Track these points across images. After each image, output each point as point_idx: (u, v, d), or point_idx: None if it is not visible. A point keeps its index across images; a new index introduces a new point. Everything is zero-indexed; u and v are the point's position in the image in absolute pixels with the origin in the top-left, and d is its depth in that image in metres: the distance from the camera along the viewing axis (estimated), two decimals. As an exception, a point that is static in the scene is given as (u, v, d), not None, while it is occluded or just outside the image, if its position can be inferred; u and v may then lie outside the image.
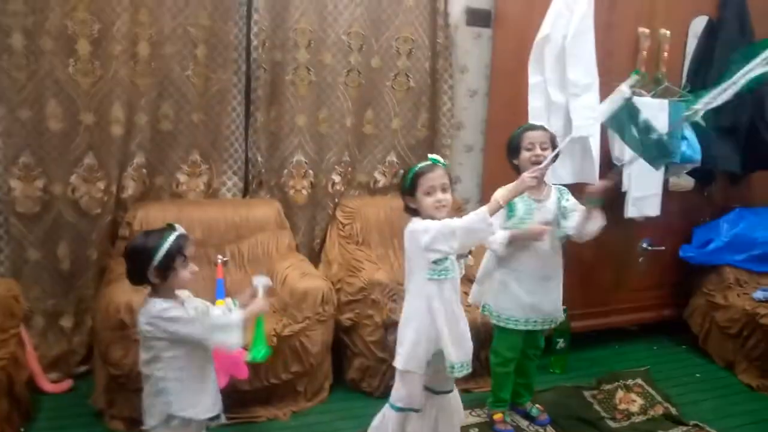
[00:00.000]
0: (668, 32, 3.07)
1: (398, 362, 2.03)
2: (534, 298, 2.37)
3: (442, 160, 2.00)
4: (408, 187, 1.97)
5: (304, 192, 3.19)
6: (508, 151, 2.40)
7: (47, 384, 2.59)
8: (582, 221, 2.28)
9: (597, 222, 2.26)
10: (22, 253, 2.72)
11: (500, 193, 2.01)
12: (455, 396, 2.17)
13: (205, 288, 2.74)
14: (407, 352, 2.00)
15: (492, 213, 1.92)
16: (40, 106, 2.65)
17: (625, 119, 2.22)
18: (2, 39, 2.55)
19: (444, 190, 1.95)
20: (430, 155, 2.02)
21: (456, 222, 1.90)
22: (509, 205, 2.32)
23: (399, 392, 2.04)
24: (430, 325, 1.98)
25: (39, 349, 2.68)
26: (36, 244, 2.73)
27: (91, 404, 2.45)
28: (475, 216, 1.90)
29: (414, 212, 2.00)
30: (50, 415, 2.45)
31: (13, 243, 2.71)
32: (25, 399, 2.35)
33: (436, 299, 1.96)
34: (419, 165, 1.99)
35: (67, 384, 2.65)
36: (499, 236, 2.29)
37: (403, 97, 3.33)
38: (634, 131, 2.21)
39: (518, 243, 2.32)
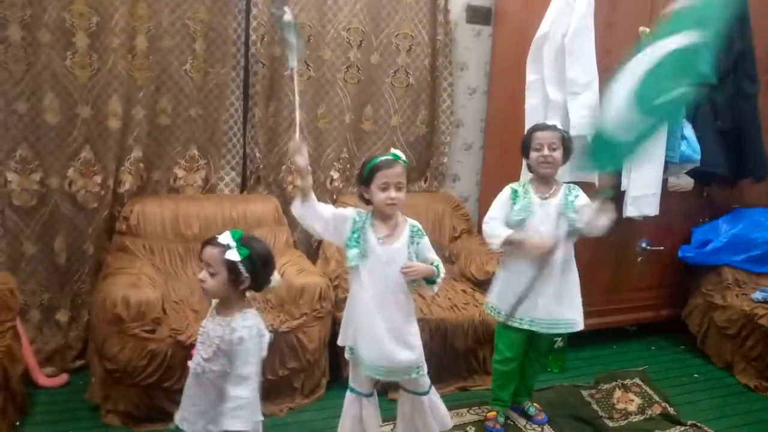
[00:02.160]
0: (669, 31, 3.06)
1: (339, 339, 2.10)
2: (541, 300, 2.29)
3: (403, 156, 1.95)
4: (364, 178, 1.95)
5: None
6: (522, 150, 2.39)
7: (43, 378, 2.58)
8: (594, 215, 2.18)
9: (609, 215, 2.17)
10: (18, 246, 2.71)
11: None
12: (430, 399, 2.10)
13: (202, 283, 2.73)
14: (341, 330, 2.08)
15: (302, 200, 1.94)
16: (37, 99, 2.64)
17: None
18: (0, 31, 2.53)
19: (399, 188, 1.90)
20: (392, 150, 1.98)
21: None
22: (514, 196, 2.32)
23: (351, 373, 2.10)
24: (348, 314, 2.03)
25: (35, 343, 2.66)
26: (32, 238, 2.72)
27: (86, 399, 2.44)
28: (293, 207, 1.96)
29: (367, 202, 1.99)
30: (45, 409, 2.43)
31: (9, 236, 2.69)
32: (21, 393, 2.33)
33: (354, 286, 1.99)
34: (379, 158, 1.94)
35: (62, 378, 2.64)
36: (499, 234, 2.28)
37: (403, 94, 3.32)
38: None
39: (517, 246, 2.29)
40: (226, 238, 1.65)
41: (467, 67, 3.49)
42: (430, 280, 1.97)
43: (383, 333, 1.94)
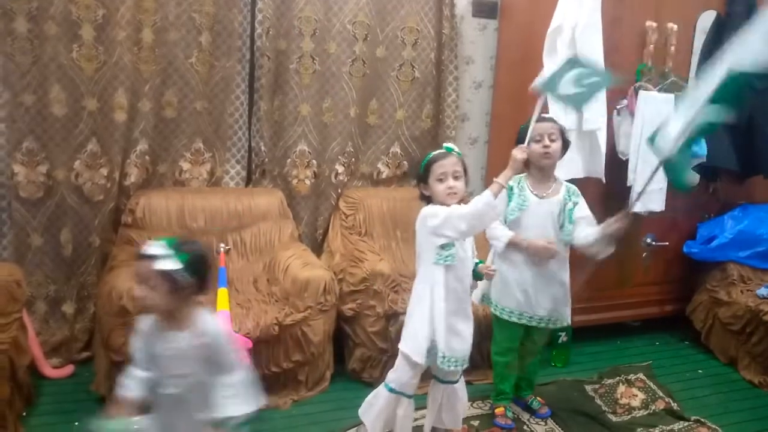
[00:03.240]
0: (676, 26, 3.04)
1: (401, 344, 2.07)
2: (532, 295, 2.35)
3: (456, 148, 2.03)
4: (422, 173, 2.02)
5: (308, 182, 3.18)
6: (517, 142, 2.36)
7: (49, 369, 2.60)
8: (591, 243, 2.25)
9: (607, 251, 2.26)
10: (24, 238, 2.72)
11: (501, 175, 2.01)
12: (461, 386, 2.18)
13: (207, 276, 2.74)
14: (409, 335, 2.05)
15: (495, 195, 1.93)
16: (43, 91, 2.64)
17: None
18: (6, 23, 2.54)
19: (456, 177, 1.97)
20: (444, 144, 2.06)
21: (463, 208, 1.93)
22: (509, 194, 2.33)
23: (395, 374, 2.08)
24: (431, 311, 2.00)
25: (41, 334, 2.68)
26: (39, 230, 2.73)
27: (92, 390, 2.45)
28: (480, 199, 1.92)
29: (428, 200, 2.03)
30: (52, 399, 2.45)
31: (15, 228, 2.70)
32: (27, 384, 2.35)
33: (439, 284, 1.98)
34: (433, 153, 2.03)
35: (68, 369, 2.66)
36: (502, 235, 2.31)
37: (408, 88, 3.31)
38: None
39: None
40: (159, 248, 1.55)
41: (473, 60, 3.48)
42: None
43: (464, 326, 2.06)
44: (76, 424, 2.31)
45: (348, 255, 2.91)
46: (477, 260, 2.12)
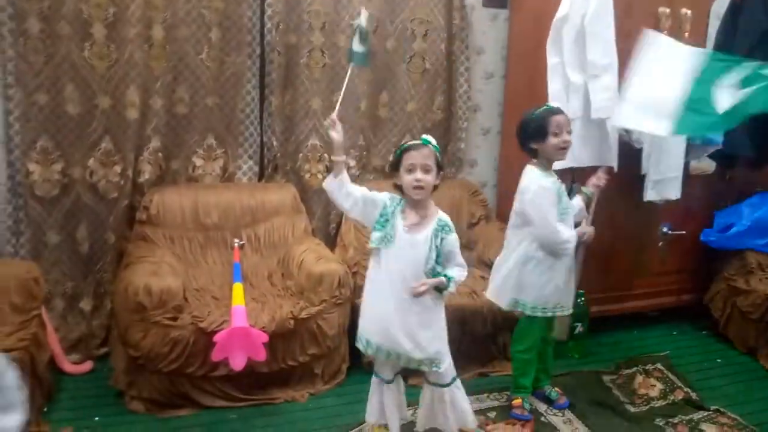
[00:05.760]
0: (689, 12, 3.00)
1: None
2: (563, 287, 2.38)
3: (433, 141, 1.94)
4: (394, 162, 1.97)
5: (320, 176, 3.18)
6: (528, 133, 2.32)
7: (68, 365, 2.63)
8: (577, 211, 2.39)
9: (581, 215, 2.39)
10: (41, 236, 2.75)
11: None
12: (451, 392, 2.08)
13: (223, 272, 2.76)
14: None
15: (335, 175, 1.96)
16: (56, 90, 2.66)
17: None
18: (19, 24, 2.56)
19: (426, 170, 1.89)
20: (423, 136, 1.97)
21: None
22: (558, 192, 2.31)
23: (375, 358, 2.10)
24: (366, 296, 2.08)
25: (59, 331, 2.71)
26: (55, 228, 2.76)
27: (111, 385, 2.48)
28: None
29: (399, 189, 1.97)
30: (71, 395, 2.48)
31: (32, 226, 2.73)
32: (47, 380, 2.38)
33: (372, 268, 2.00)
34: (409, 143, 1.97)
35: (87, 365, 2.69)
36: (572, 236, 2.31)
37: (419, 80, 3.29)
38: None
39: None
40: None
41: (484, 51, 3.45)
42: (439, 289, 1.95)
43: (392, 316, 1.93)
44: (96, 419, 2.33)
45: (361, 248, 2.91)
46: (447, 274, 1.94)
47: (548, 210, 2.26)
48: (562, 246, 2.29)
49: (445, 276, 1.93)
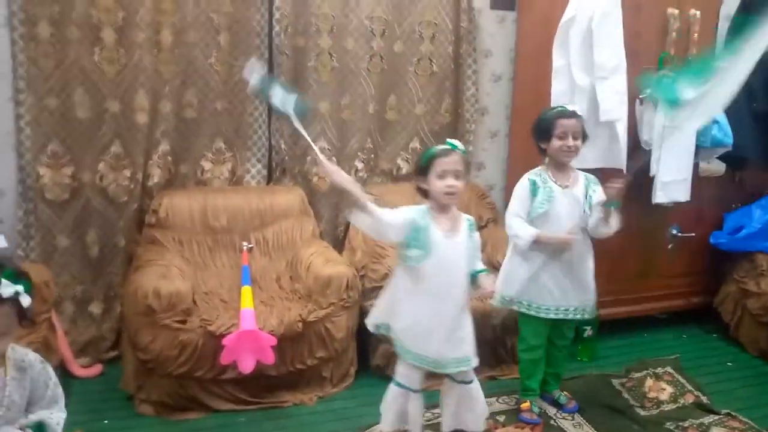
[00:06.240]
0: (698, 13, 2.99)
1: None
2: (563, 287, 2.34)
3: (461, 146, 1.98)
4: (422, 167, 1.97)
5: (328, 179, 3.18)
6: (537, 132, 2.35)
7: (78, 368, 2.64)
8: (598, 222, 2.26)
9: (614, 225, 2.25)
10: (51, 240, 2.76)
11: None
12: (476, 387, 2.12)
13: (231, 275, 2.76)
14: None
15: (361, 209, 1.87)
16: (66, 94, 2.68)
17: None
18: (29, 28, 2.58)
19: (456, 176, 1.92)
20: (448, 140, 2.00)
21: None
22: (533, 188, 2.30)
23: (399, 368, 2.07)
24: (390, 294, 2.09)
25: (69, 334, 2.72)
26: (65, 231, 2.77)
27: (120, 388, 2.49)
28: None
29: (424, 194, 1.99)
30: (81, 398, 2.48)
31: (42, 230, 2.75)
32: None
33: (400, 278, 2.04)
34: (437, 148, 1.98)
35: (97, 369, 2.70)
36: (525, 234, 2.28)
37: (427, 83, 3.29)
38: None
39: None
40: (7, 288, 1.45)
41: (492, 53, 3.45)
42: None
43: (437, 327, 1.95)
44: (106, 422, 2.34)
45: (369, 251, 2.91)
46: (480, 269, 2.03)
47: (513, 201, 2.35)
48: (513, 239, 2.33)
49: (479, 272, 2.02)
